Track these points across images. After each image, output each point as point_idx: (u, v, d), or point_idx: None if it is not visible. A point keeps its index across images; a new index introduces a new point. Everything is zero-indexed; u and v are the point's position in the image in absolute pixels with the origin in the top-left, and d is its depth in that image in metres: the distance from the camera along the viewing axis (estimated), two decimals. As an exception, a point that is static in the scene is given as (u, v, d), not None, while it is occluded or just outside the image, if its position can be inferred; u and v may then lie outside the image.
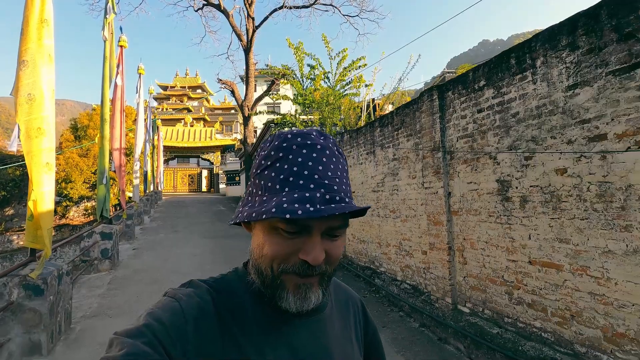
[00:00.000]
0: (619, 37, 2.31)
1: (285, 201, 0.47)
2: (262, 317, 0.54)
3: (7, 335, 3.24)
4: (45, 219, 3.69)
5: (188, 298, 0.52)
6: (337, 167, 0.53)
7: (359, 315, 0.71)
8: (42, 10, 3.94)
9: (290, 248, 0.50)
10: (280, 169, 0.51)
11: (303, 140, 0.52)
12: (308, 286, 0.51)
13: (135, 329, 0.46)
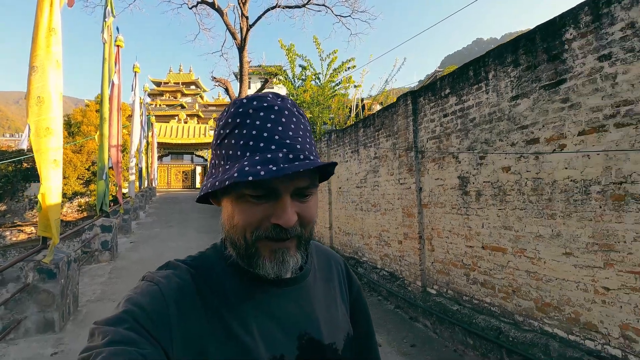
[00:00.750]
0: (549, 58, 2.78)
1: (246, 165, 0.47)
2: (243, 290, 0.54)
3: (24, 314, 3.64)
4: (53, 211, 4.07)
5: (167, 280, 0.51)
6: (298, 127, 0.52)
7: (343, 275, 0.70)
8: (50, 20, 4.29)
9: (260, 214, 0.49)
10: (239, 135, 0.50)
11: (259, 103, 0.51)
12: (284, 250, 0.51)
13: (115, 317, 0.45)
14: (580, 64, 2.55)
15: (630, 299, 2.25)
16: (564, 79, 2.66)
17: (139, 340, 0.43)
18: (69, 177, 23.17)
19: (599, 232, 2.42)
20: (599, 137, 2.43)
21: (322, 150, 7.83)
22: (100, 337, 0.43)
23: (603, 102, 2.41)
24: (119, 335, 0.42)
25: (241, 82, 19.87)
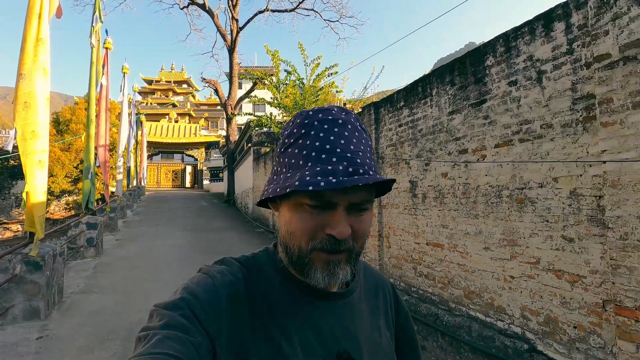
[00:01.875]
0: (475, 80, 3.23)
1: (307, 175, 0.48)
2: (289, 299, 0.55)
3: (12, 302, 3.97)
4: (37, 208, 4.40)
5: (221, 275, 0.53)
6: (360, 142, 0.53)
7: (390, 300, 0.69)
8: (39, 30, 4.61)
9: (316, 223, 0.50)
10: (303, 145, 0.52)
11: (324, 116, 0.53)
12: (336, 263, 0.51)
13: (172, 302, 0.48)
14: (496, 87, 3.01)
15: (527, 285, 2.71)
16: (485, 99, 3.11)
17: (191, 328, 0.45)
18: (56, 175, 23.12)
19: (507, 230, 2.88)
20: (508, 150, 2.89)
21: (301, 153, 8.24)
22: (157, 319, 0.46)
23: (511, 121, 2.86)
24: (174, 320, 0.45)
25: (231, 84, 20.19)
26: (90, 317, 4.37)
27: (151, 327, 0.45)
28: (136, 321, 4.23)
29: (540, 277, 2.60)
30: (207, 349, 0.46)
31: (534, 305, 2.65)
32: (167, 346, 0.42)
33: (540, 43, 2.63)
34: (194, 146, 32.75)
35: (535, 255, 2.65)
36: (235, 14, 19.54)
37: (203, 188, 30.72)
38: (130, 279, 6.01)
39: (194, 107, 46.36)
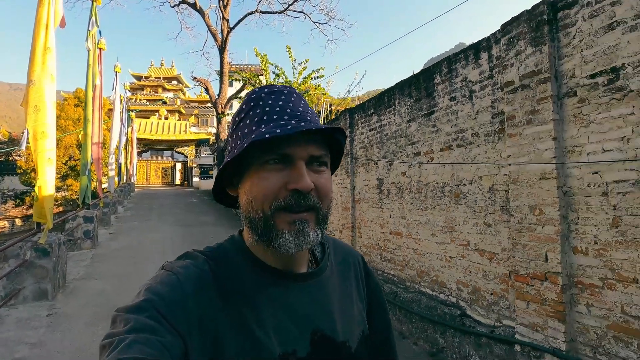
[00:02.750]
0: (427, 94, 3.86)
1: (263, 130, 0.50)
2: (260, 284, 0.54)
3: (23, 284, 4.45)
4: (48, 200, 4.88)
5: (185, 270, 0.52)
6: (306, 106, 0.55)
7: (360, 272, 0.69)
8: (46, 40, 5.08)
9: (278, 181, 0.50)
10: (253, 115, 0.53)
11: (270, 89, 0.55)
12: (304, 222, 0.51)
13: (135, 305, 0.46)
14: (441, 101, 3.64)
15: (460, 263, 3.35)
16: (434, 111, 3.75)
17: (159, 329, 0.44)
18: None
19: (448, 219, 3.52)
20: (449, 153, 3.53)
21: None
22: (122, 324, 0.44)
23: (451, 129, 3.50)
24: (140, 323, 0.43)
25: (221, 83, 20.55)
26: (92, 299, 4.89)
27: (116, 333, 0.43)
28: (134, 302, 4.76)
29: (469, 256, 3.25)
30: (178, 348, 0.45)
31: (465, 279, 3.30)
32: (135, 350, 0.41)
33: (472, 68, 3.27)
34: (184, 143, 32.91)
35: (466, 239, 3.29)
36: (226, 14, 19.90)
37: (193, 185, 30.97)
38: (126, 267, 6.51)
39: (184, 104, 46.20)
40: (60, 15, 5.33)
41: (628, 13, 2.12)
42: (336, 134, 0.55)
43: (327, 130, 0.53)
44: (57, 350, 3.46)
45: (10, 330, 3.82)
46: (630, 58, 2.10)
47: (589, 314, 2.29)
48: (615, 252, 2.15)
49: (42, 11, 5.04)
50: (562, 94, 2.48)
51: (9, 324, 3.97)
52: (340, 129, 0.55)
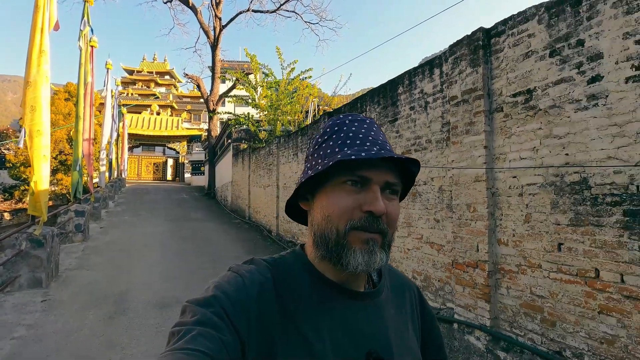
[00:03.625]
0: (392, 103, 4.28)
1: (348, 151, 0.53)
2: (319, 298, 0.55)
3: (18, 273, 4.78)
4: (43, 195, 5.20)
5: (250, 275, 0.54)
6: (385, 138, 0.58)
7: (415, 302, 0.70)
8: (41, 43, 5.37)
9: (354, 202, 0.53)
10: (336, 138, 0.56)
11: (353, 117, 0.59)
12: (374, 242, 0.52)
13: (204, 299, 0.49)
14: (403, 109, 4.06)
15: (416, 255, 3.79)
16: (397, 118, 4.16)
17: (222, 326, 0.47)
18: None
19: (407, 215, 3.94)
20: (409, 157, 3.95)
21: (272, 151, 9.17)
22: (190, 315, 0.48)
23: (411, 135, 3.92)
24: (206, 317, 0.47)
25: (213, 80, 20.75)
26: (84, 287, 5.22)
27: (184, 323, 0.47)
28: (124, 291, 5.11)
29: (422, 248, 3.69)
30: (236, 348, 0.47)
31: (419, 268, 3.73)
32: (199, 343, 0.44)
33: (427, 81, 3.69)
34: (175, 139, 32.97)
35: (420, 233, 3.73)
36: (219, 12, 20.09)
37: (184, 181, 31.10)
38: (116, 259, 6.84)
39: (176, 99, 45.98)
40: (55, 19, 5.61)
41: (539, 44, 2.54)
42: (413, 165, 0.58)
43: (406, 161, 0.56)
44: (52, 331, 3.81)
45: (8, 314, 4.16)
46: (540, 82, 2.53)
47: (508, 295, 2.73)
48: (526, 243, 2.59)
49: (38, 16, 5.32)
50: (492, 109, 2.91)
51: (6, 308, 4.30)
52: (416, 161, 0.57)
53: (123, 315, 4.32)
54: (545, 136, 2.49)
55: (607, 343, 2.10)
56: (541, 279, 2.48)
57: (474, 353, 2.88)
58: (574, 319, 2.28)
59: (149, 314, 4.36)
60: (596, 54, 2.20)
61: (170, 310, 4.52)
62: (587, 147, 2.23)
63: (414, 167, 0.59)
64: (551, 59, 2.46)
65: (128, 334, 3.84)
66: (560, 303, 2.36)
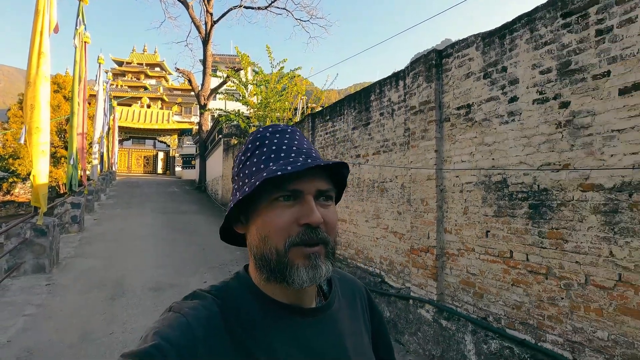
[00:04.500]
0: (365, 108, 4.79)
1: (273, 167, 0.52)
2: (271, 322, 0.54)
3: (23, 259, 5.19)
4: (41, 187, 5.59)
5: (195, 312, 0.51)
6: (310, 144, 0.59)
7: (365, 304, 0.71)
8: (41, 45, 5.71)
9: (290, 217, 0.52)
10: (260, 154, 0.56)
11: (274, 129, 0.58)
12: (316, 255, 0.52)
13: (144, 351, 0.45)
14: (374, 115, 4.58)
15: (382, 243, 4.34)
16: (370, 122, 4.68)
17: None
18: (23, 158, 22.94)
19: (376, 208, 4.48)
20: (378, 157, 4.48)
21: (261, 147, 9.64)
22: None
23: (380, 138, 4.45)
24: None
25: (204, 75, 20.95)
26: (83, 273, 5.66)
27: None
28: (120, 276, 5.56)
29: (388, 237, 4.23)
30: None
31: (385, 254, 4.29)
32: None
33: (394, 91, 4.20)
34: (166, 133, 32.95)
35: (387, 224, 4.27)
36: (210, 7, 20.23)
37: (175, 175, 31.23)
38: (111, 248, 7.26)
39: (166, 92, 45.53)
40: (55, 22, 5.94)
41: (477, 67, 3.08)
42: (342, 169, 0.58)
43: (334, 166, 0.55)
44: (59, 310, 4.27)
45: (16, 295, 4.60)
46: (476, 99, 3.07)
47: (450, 274, 3.30)
48: (464, 231, 3.15)
49: (38, 19, 5.66)
50: (442, 119, 3.44)
51: (14, 291, 4.73)
52: (345, 164, 0.57)
53: (121, 297, 4.79)
54: (479, 143, 3.03)
55: (516, 308, 2.67)
56: (474, 260, 3.05)
57: (424, 323, 3.45)
58: (495, 291, 2.85)
59: (145, 296, 4.84)
60: (514, 79, 2.74)
61: (164, 293, 5.00)
62: (507, 153, 2.78)
63: (343, 169, 0.59)
64: (484, 80, 2.99)
65: (127, 312, 4.32)
66: (487, 279, 2.92)
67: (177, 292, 5.00)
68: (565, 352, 2.33)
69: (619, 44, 2.11)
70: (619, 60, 2.10)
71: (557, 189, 2.41)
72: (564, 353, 2.34)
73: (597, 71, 2.21)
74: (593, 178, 2.22)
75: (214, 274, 5.92)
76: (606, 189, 2.15)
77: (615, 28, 2.12)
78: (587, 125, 2.26)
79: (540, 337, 2.49)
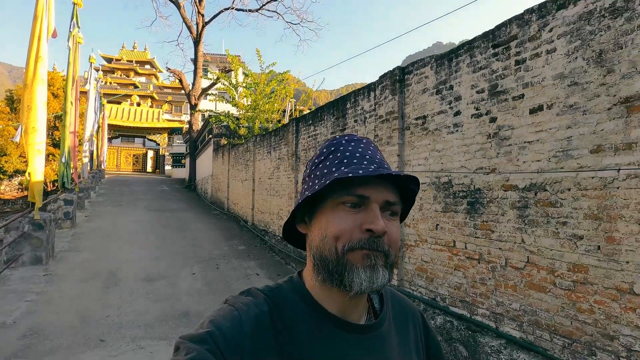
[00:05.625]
0: (342, 115, 5.28)
1: (345, 169, 0.53)
2: (317, 332, 0.55)
3: (22, 252, 5.52)
4: (37, 185, 5.92)
5: (247, 308, 0.54)
6: (383, 157, 0.59)
7: (420, 329, 0.69)
8: (39, 49, 6.05)
9: (353, 221, 0.52)
10: (333, 158, 0.57)
11: (349, 138, 0.59)
12: (376, 257, 0.51)
13: (198, 336, 0.49)
14: (350, 121, 5.07)
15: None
16: (346, 128, 5.17)
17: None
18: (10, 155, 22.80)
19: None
20: (352, 160, 4.97)
21: (249, 148, 10.05)
22: (183, 352, 0.47)
23: (354, 143, 4.94)
24: (200, 356, 0.46)
25: (195, 75, 21.18)
26: (79, 265, 6.01)
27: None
28: (113, 268, 5.93)
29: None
30: None
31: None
32: None
33: (366, 101, 4.70)
34: (156, 131, 32.93)
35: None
36: (201, 8, 20.49)
37: (165, 173, 31.28)
38: (103, 243, 7.60)
39: (157, 90, 45.31)
40: (53, 28, 6.27)
41: (431, 84, 3.59)
42: (412, 183, 0.57)
43: (405, 178, 0.55)
44: (58, 296, 4.65)
45: (17, 284, 4.95)
46: (430, 111, 3.58)
47: (409, 262, 3.80)
48: (420, 225, 3.66)
49: (36, 25, 6.00)
50: (404, 127, 3.95)
51: (14, 280, 5.08)
52: (416, 178, 0.57)
53: (116, 286, 5.17)
54: (431, 150, 3.55)
55: (457, 289, 3.19)
56: (427, 249, 3.56)
57: (387, 305, 3.95)
58: (442, 275, 3.36)
59: (137, 285, 5.24)
60: (458, 96, 3.25)
61: (155, 282, 5.40)
62: (452, 158, 3.30)
63: (413, 185, 0.58)
64: (436, 95, 3.50)
65: (122, 299, 4.72)
66: (436, 265, 3.43)
67: (168, 283, 5.41)
68: (490, 322, 2.85)
69: (530, 72, 2.63)
70: (529, 85, 2.63)
71: (487, 188, 2.93)
72: (489, 323, 2.86)
73: (515, 93, 2.74)
74: (512, 180, 2.74)
75: (202, 267, 6.33)
76: (520, 188, 2.67)
77: (528, 60, 2.65)
78: (508, 137, 2.79)
79: (473, 311, 3.01)
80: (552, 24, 2.48)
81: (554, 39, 2.46)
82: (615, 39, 2.13)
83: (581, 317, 2.25)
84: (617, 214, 2.09)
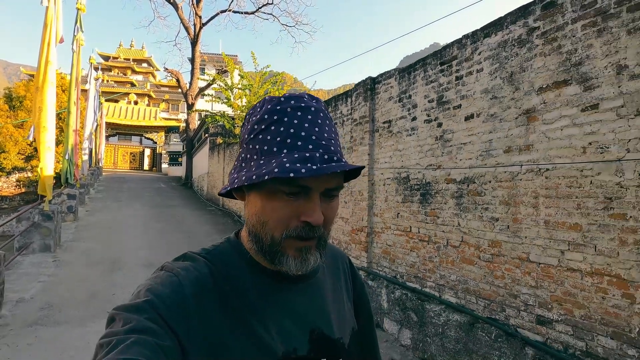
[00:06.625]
0: (325, 118, 5.86)
1: (286, 161, 0.48)
2: (261, 288, 0.56)
3: (32, 240, 6.05)
4: (48, 179, 6.45)
5: (186, 272, 0.53)
6: (331, 129, 0.55)
7: (347, 273, 0.73)
8: (48, 54, 6.57)
9: (291, 211, 0.51)
10: (276, 132, 0.51)
11: (297, 103, 0.53)
12: (308, 249, 0.53)
13: (135, 305, 0.46)
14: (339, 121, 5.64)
15: (333, 227, 5.42)
16: (327, 129, 5.75)
17: (158, 331, 0.45)
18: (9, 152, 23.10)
19: (330, 199, 5.56)
20: (332, 158, 5.55)
21: (243, 147, 10.62)
22: (121, 324, 0.44)
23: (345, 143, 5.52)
24: (140, 325, 0.44)
25: (192, 75, 21.68)
26: (84, 253, 6.55)
27: (115, 333, 0.43)
28: (116, 256, 6.48)
29: (338, 222, 5.31)
30: (176, 352, 0.45)
31: (335, 236, 5.36)
32: (135, 352, 0.41)
33: (344, 106, 5.29)
34: (153, 129, 33.30)
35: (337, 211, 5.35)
36: (199, 10, 20.98)
37: (161, 171, 31.70)
38: (105, 234, 8.14)
39: (154, 88, 45.48)
40: (60, 35, 6.80)
41: (395, 93, 4.18)
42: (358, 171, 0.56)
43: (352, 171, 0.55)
44: (68, 277, 5.20)
45: (29, 268, 5.49)
46: (394, 116, 4.17)
47: (376, 246, 4.40)
48: (385, 214, 4.25)
49: (46, 31, 6.53)
50: (374, 130, 4.54)
51: (26, 265, 5.62)
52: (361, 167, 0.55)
53: (119, 270, 5.73)
54: (395, 149, 4.14)
55: (412, 267, 3.78)
56: (390, 235, 4.15)
57: (358, 285, 4.55)
58: (401, 256, 3.95)
59: (139, 270, 5.80)
60: (415, 104, 3.85)
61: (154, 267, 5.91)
62: (410, 157, 3.89)
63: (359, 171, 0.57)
64: (399, 103, 4.10)
65: (126, 280, 5.28)
66: (397, 248, 4.03)
67: (166, 268, 5.96)
68: (435, 292, 3.45)
69: (465, 87, 3.23)
70: (465, 97, 3.23)
71: (435, 182, 3.53)
72: (435, 293, 3.46)
73: (455, 103, 3.33)
74: (452, 174, 3.34)
75: (197, 256, 6.88)
76: (457, 181, 3.27)
77: (464, 76, 3.24)
78: (450, 139, 3.38)
79: (423, 285, 3.61)
80: (481, 48, 3.08)
81: (482, 60, 3.06)
82: (521, 63, 2.73)
83: (496, 282, 2.85)
84: (519, 200, 2.69)
